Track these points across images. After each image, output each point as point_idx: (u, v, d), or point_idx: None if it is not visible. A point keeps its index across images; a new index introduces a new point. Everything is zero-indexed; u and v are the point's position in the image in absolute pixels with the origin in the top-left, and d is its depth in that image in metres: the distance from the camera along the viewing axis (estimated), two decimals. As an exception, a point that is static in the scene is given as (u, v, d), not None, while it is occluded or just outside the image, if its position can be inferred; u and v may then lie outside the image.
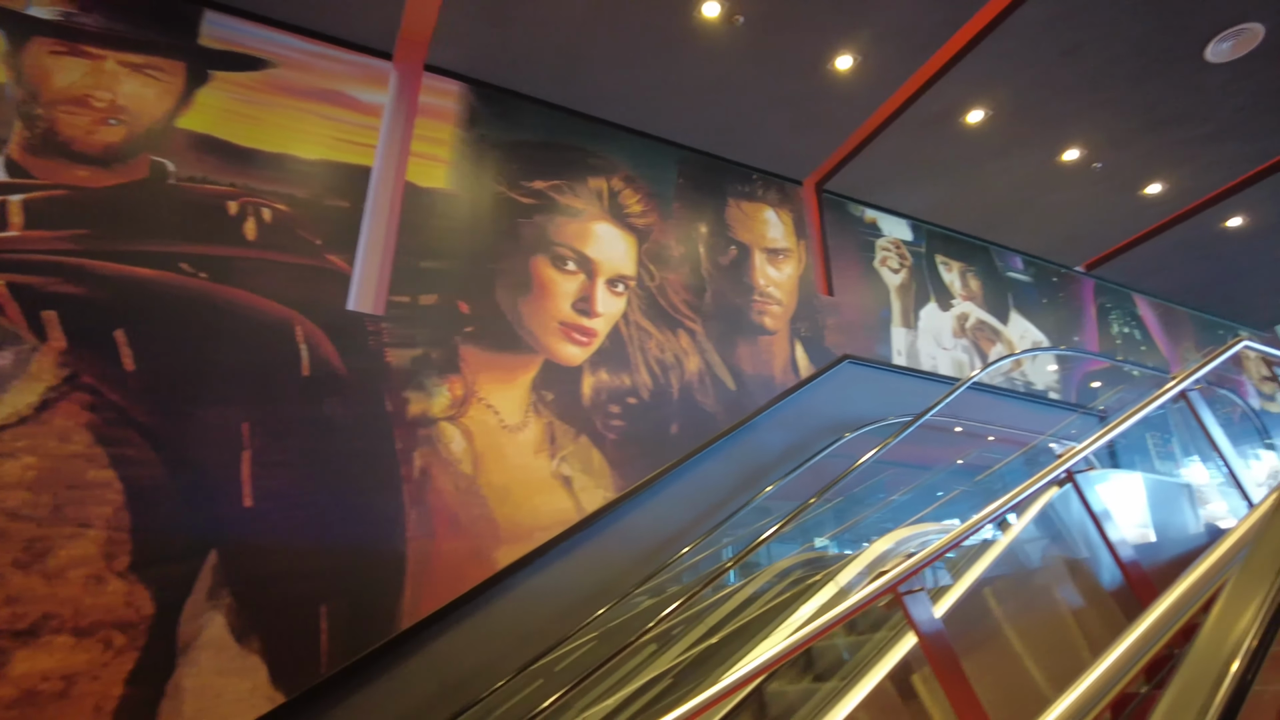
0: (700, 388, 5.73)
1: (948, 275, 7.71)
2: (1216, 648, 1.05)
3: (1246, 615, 1.08)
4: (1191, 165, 7.11)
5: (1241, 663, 1.00)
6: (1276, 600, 1.09)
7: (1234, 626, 1.07)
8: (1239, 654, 1.01)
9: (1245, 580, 1.15)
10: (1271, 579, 1.11)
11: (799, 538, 6.11)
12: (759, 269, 6.49)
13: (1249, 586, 1.13)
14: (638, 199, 6.12)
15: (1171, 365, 9.11)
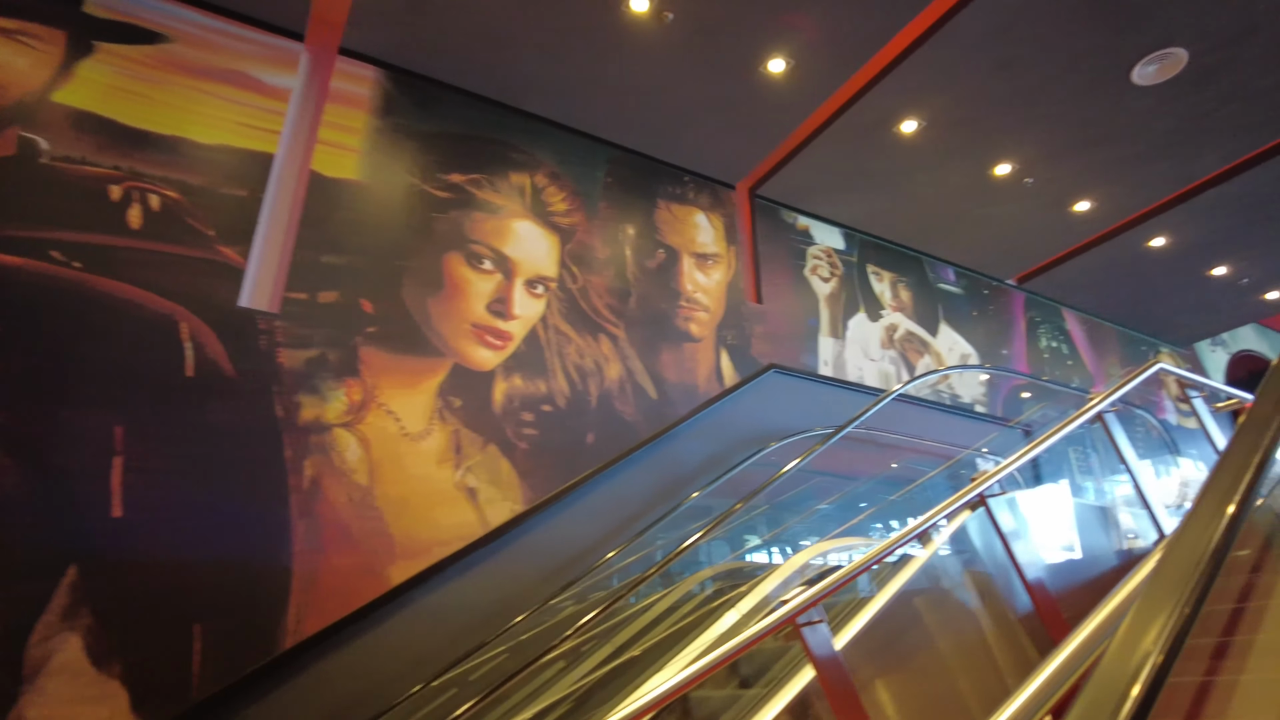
0: (620, 396, 5.58)
1: (878, 285, 7.70)
2: (1117, 673, 1.03)
3: (1148, 639, 1.06)
4: (1119, 185, 7.21)
5: (1141, 688, 0.99)
6: (1179, 624, 1.08)
7: (1135, 651, 1.05)
8: (1139, 679, 1.00)
9: (1148, 605, 1.13)
10: (1174, 603, 1.10)
11: (725, 546, 6.04)
12: (687, 274, 6.37)
13: (1151, 610, 1.11)
14: (562, 197, 5.93)
15: (1096, 380, 9.30)
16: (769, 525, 6.45)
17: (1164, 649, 1.04)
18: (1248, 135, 6.61)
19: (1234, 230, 8.08)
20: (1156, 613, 1.10)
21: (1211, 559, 1.17)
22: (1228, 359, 11.57)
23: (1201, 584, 1.14)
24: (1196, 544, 1.21)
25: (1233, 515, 1.23)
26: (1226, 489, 1.29)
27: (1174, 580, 1.16)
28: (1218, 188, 7.29)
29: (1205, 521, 1.25)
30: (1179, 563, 1.19)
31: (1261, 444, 1.42)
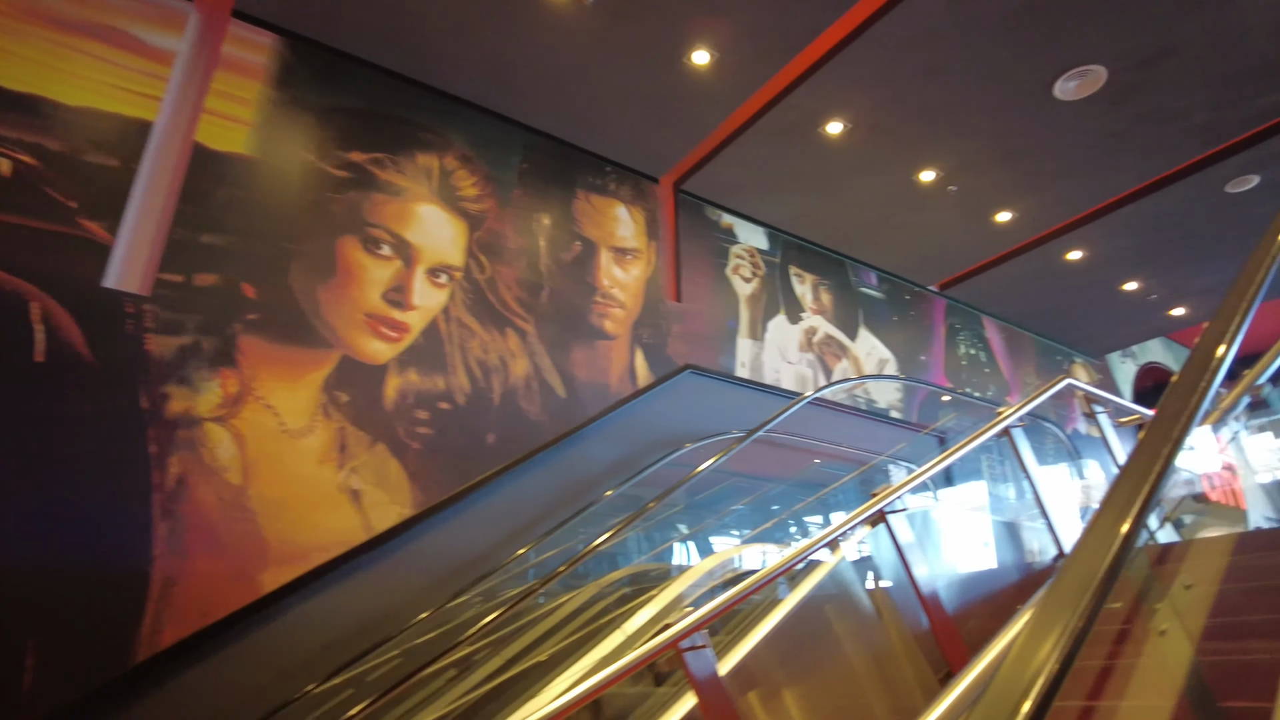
0: (526, 394, 5.38)
1: (800, 288, 7.67)
2: (1010, 687, 1.03)
3: (1041, 652, 1.07)
4: (1039, 198, 7.31)
5: (1032, 704, 0.99)
6: (1072, 639, 1.08)
7: (1029, 665, 1.05)
8: (1030, 694, 1.00)
9: (1043, 618, 1.13)
10: (1069, 616, 1.11)
11: (635, 547, 5.92)
12: (604, 268, 6.19)
13: (1047, 624, 1.11)
14: (473, 181, 5.68)
15: (1012, 388, 9.50)
16: (684, 525, 6.36)
17: (1058, 660, 1.05)
18: (1161, 156, 6.76)
19: (1144, 248, 8.30)
20: (1049, 630, 1.10)
21: (1104, 578, 1.18)
22: (1136, 370, 11.99)
23: (1093, 603, 1.14)
24: (1089, 564, 1.22)
25: (1126, 534, 1.25)
26: (1120, 510, 1.31)
27: (1065, 599, 1.16)
28: (1131, 206, 7.46)
29: (1099, 540, 1.26)
30: (1070, 584, 1.19)
31: (1154, 467, 1.43)
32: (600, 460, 5.52)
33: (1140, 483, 1.37)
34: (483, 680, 4.39)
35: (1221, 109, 6.18)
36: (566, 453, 5.38)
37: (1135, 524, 1.28)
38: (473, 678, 4.48)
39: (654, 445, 5.82)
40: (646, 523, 5.53)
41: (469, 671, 4.49)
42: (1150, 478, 1.37)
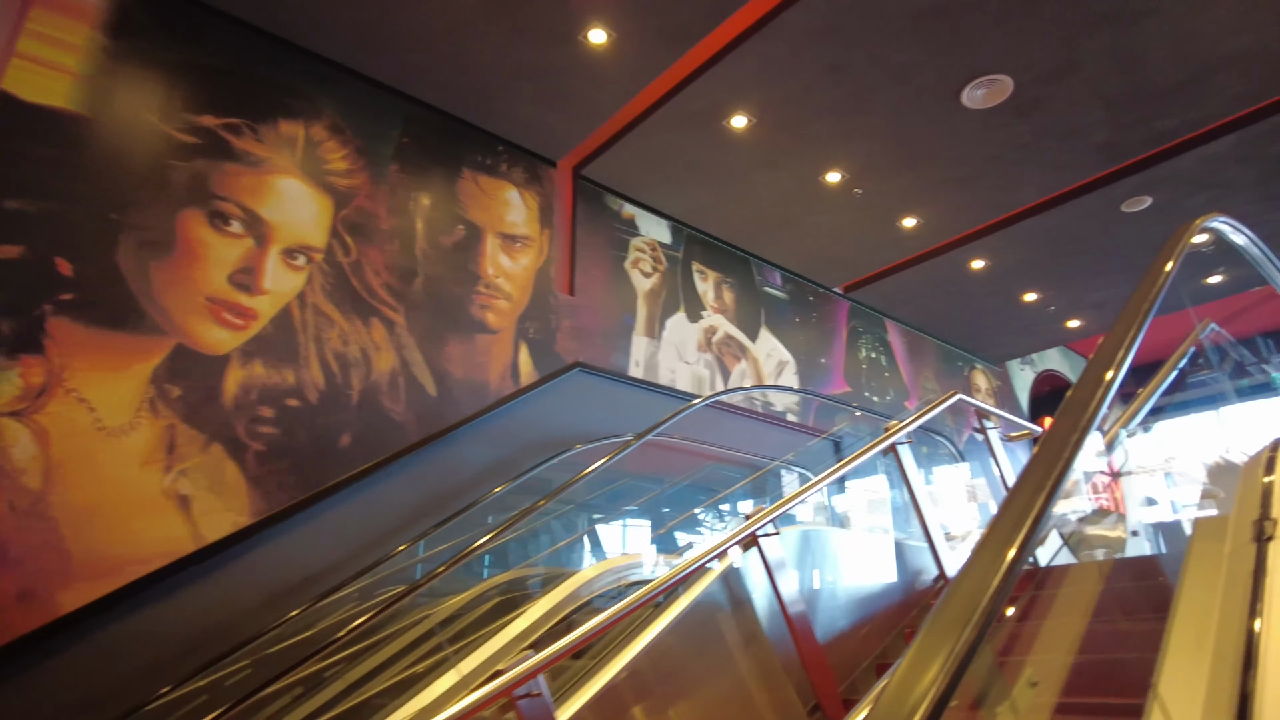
0: (390, 391, 5.02)
1: (702, 285, 7.49)
2: (895, 709, 1.04)
3: (928, 675, 1.07)
4: (944, 205, 7.32)
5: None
6: (958, 660, 1.08)
7: (914, 688, 1.06)
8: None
9: (929, 640, 1.14)
10: (956, 636, 1.11)
11: (509, 554, 5.64)
12: (490, 256, 5.85)
13: (933, 645, 1.12)
14: (344, 155, 5.25)
15: (911, 393, 9.61)
16: (568, 529, 6.12)
17: (941, 687, 1.04)
18: (1062, 172, 6.84)
19: (1044, 261, 8.47)
20: (933, 656, 1.09)
21: (988, 604, 1.17)
22: (1035, 377, 12.37)
23: (979, 626, 1.13)
24: (974, 590, 1.21)
25: (1012, 559, 1.24)
26: (1004, 539, 1.30)
27: (949, 625, 1.15)
28: (1032, 219, 7.56)
29: (985, 567, 1.26)
30: (953, 610, 1.18)
31: (1044, 490, 1.42)
32: (474, 464, 5.22)
33: (1024, 514, 1.35)
34: (320, 709, 4.07)
35: (1120, 129, 6.27)
36: (435, 456, 5.05)
37: (1021, 548, 1.27)
38: (324, 693, 4.16)
39: (538, 448, 5.55)
40: (517, 530, 5.28)
41: (317, 689, 4.17)
42: (1012, 547, 1.30)
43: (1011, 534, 1.30)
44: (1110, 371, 1.93)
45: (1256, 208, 7.49)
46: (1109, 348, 2.11)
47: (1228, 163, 6.74)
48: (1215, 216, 3.14)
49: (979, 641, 1.11)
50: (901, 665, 1.11)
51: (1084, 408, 1.71)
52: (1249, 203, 7.39)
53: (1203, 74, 5.68)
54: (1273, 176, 6.95)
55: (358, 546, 4.56)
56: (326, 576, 4.38)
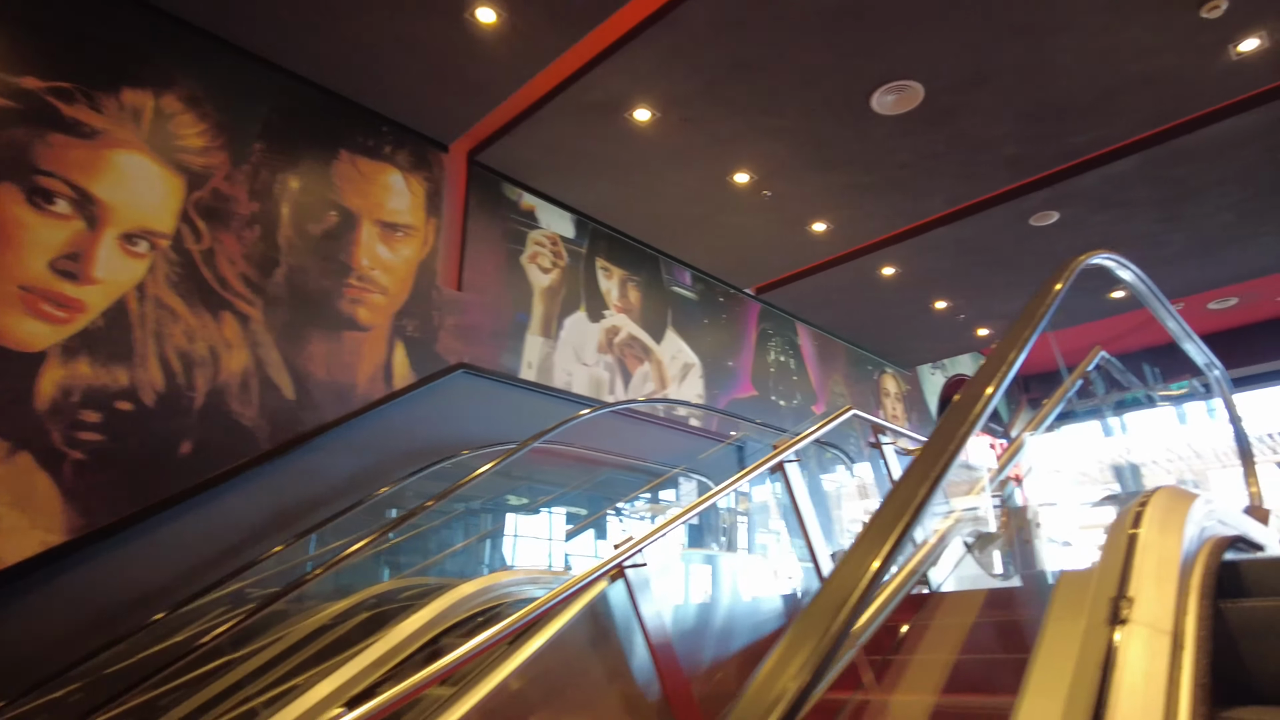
0: (241, 394, 4.60)
1: (606, 283, 7.23)
2: (755, 705, 1.07)
3: (789, 671, 1.11)
4: (854, 211, 7.22)
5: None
6: (820, 657, 1.12)
7: (775, 683, 1.09)
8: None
9: (795, 636, 1.17)
10: (818, 637, 1.16)
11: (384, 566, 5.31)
12: (365, 245, 5.45)
13: (798, 643, 1.15)
14: (201, 130, 4.78)
15: (819, 397, 9.57)
16: (448, 540, 5.82)
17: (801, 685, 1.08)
18: (972, 183, 6.81)
19: (953, 270, 8.49)
20: (796, 653, 1.13)
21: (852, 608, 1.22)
22: (945, 381, 12.55)
23: (841, 628, 1.18)
24: (833, 597, 1.26)
25: (875, 570, 1.29)
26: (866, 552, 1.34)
27: (811, 628, 1.19)
28: (942, 229, 7.53)
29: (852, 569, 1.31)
30: (816, 613, 1.22)
31: (909, 508, 1.45)
32: (337, 474, 4.85)
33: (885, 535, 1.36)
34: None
35: (1030, 143, 6.24)
36: (292, 466, 4.67)
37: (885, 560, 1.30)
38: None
39: (416, 455, 5.22)
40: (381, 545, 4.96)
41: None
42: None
43: (865, 559, 1.32)
44: (963, 428, 1.75)
45: (1158, 228, 7.63)
46: (963, 407, 1.94)
47: (1133, 182, 6.81)
48: (1099, 253, 3.03)
49: (829, 661, 1.14)
50: (765, 665, 1.13)
51: (934, 461, 1.61)
52: (1151, 222, 7.52)
53: (1112, 93, 5.68)
54: (1174, 198, 7.07)
55: (199, 565, 4.17)
56: (159, 598, 3.98)
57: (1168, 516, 2.59)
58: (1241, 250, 8.15)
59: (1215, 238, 7.86)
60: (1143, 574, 2.19)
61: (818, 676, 1.10)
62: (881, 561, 1.31)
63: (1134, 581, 2.10)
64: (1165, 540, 2.37)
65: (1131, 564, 2.22)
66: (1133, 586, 2.09)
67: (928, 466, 1.59)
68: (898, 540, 1.36)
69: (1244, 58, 5.31)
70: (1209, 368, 4.53)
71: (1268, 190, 6.99)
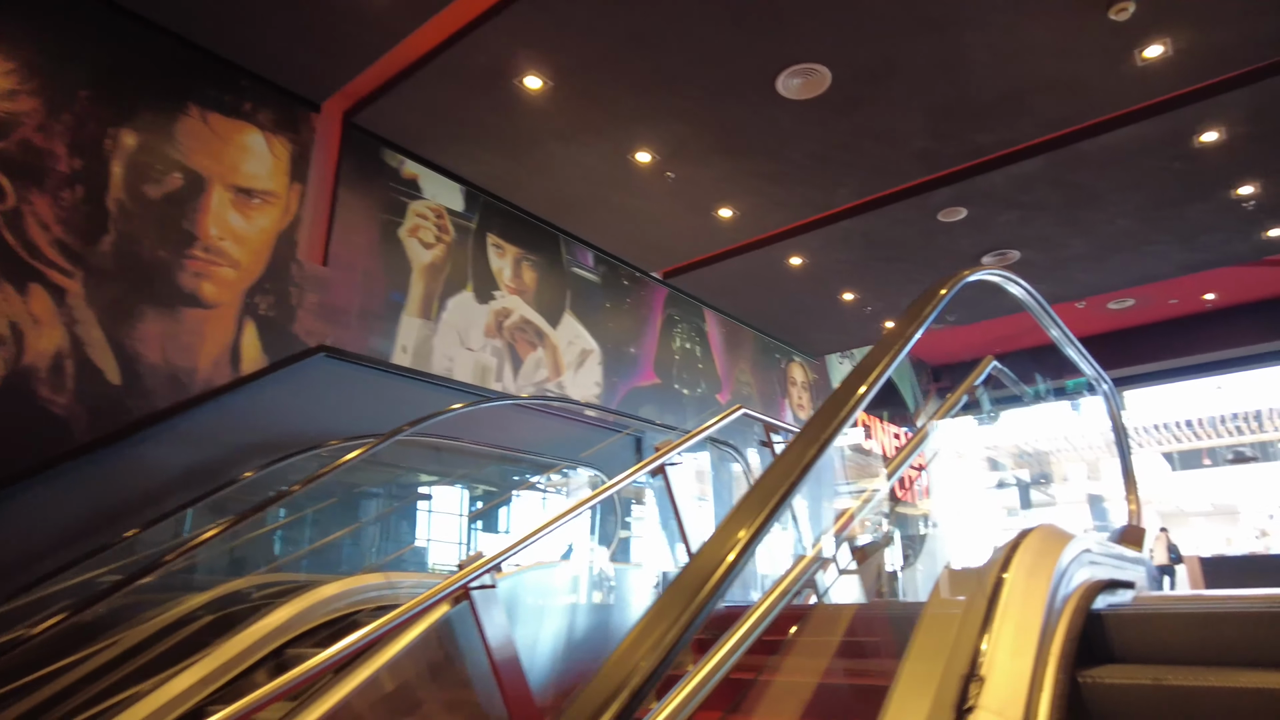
0: (53, 378, 4.06)
1: (498, 261, 6.80)
2: (610, 680, 1.07)
3: (643, 648, 1.11)
4: (761, 199, 6.98)
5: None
6: (672, 638, 1.13)
7: (632, 658, 1.10)
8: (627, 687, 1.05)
9: (653, 615, 1.18)
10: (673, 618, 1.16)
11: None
12: (214, 213, 4.91)
13: (655, 622, 1.16)
14: (9, 69, 4.16)
15: (724, 385, 9.38)
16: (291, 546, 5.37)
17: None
18: (880, 176, 6.64)
19: (862, 263, 8.38)
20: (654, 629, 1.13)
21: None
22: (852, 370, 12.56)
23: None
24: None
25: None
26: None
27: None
28: (850, 220, 7.38)
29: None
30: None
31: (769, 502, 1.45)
32: (169, 468, 4.36)
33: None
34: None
35: (938, 139, 6.09)
36: (116, 459, 4.17)
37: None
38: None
39: (264, 448, 4.75)
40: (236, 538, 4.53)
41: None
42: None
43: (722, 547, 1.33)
44: (812, 449, 1.64)
45: (1061, 230, 7.65)
46: (826, 413, 1.75)
47: (1038, 183, 6.76)
48: (979, 270, 2.83)
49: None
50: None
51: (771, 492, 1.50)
52: (1054, 225, 7.53)
53: (1020, 94, 5.55)
54: (1077, 202, 7.06)
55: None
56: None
57: (1037, 563, 2.41)
58: (1137, 257, 8.28)
59: (1113, 243, 7.94)
60: (1000, 641, 1.99)
61: (673, 652, 1.10)
62: (749, 539, 1.33)
63: (988, 655, 1.90)
64: (1029, 598, 2.18)
65: (990, 625, 2.02)
66: (985, 662, 1.88)
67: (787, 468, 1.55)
68: (763, 522, 1.38)
69: (1149, 64, 5.24)
70: (1098, 381, 4.46)
71: (1164, 199, 7.05)
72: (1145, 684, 1.88)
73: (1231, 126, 5.97)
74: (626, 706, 1.04)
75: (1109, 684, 1.90)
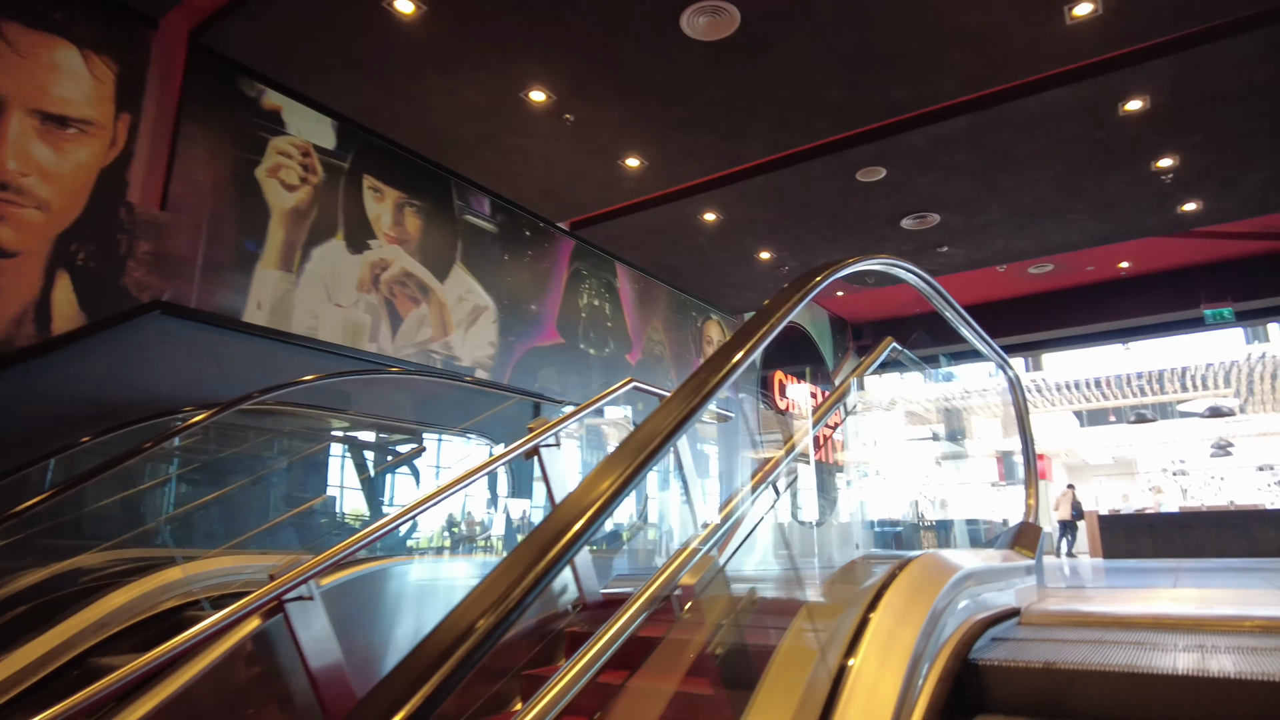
0: None
1: (376, 206, 6.18)
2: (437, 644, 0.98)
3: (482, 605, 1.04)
4: (670, 149, 6.49)
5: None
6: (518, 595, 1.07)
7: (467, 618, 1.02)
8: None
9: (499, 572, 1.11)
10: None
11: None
12: (13, 144, 4.18)
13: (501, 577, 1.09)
14: None
15: (634, 344, 8.98)
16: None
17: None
18: (795, 130, 6.21)
19: (777, 221, 8.00)
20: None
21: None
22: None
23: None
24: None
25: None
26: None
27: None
28: (764, 176, 6.97)
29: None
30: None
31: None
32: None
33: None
34: None
35: (854, 91, 5.68)
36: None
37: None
38: None
39: (81, 421, 4.14)
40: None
41: None
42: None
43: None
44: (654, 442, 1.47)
45: (981, 195, 7.40)
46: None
47: (959, 146, 6.45)
48: (858, 261, 2.45)
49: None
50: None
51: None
52: (974, 189, 7.27)
53: (935, 46, 5.16)
54: (997, 166, 6.79)
55: None
56: None
57: (909, 607, 2.11)
58: (1054, 225, 8.12)
59: (1031, 211, 7.74)
60: (852, 701, 1.71)
61: (516, 611, 1.02)
62: (610, 494, 1.25)
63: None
64: (890, 653, 1.88)
65: (842, 689, 1.72)
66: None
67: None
68: (625, 481, 1.29)
69: (1078, 23, 4.90)
70: (1003, 368, 4.20)
71: (1083, 167, 6.83)
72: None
73: (1156, 96, 5.73)
74: (450, 676, 0.92)
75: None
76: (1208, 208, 7.67)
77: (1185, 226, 8.21)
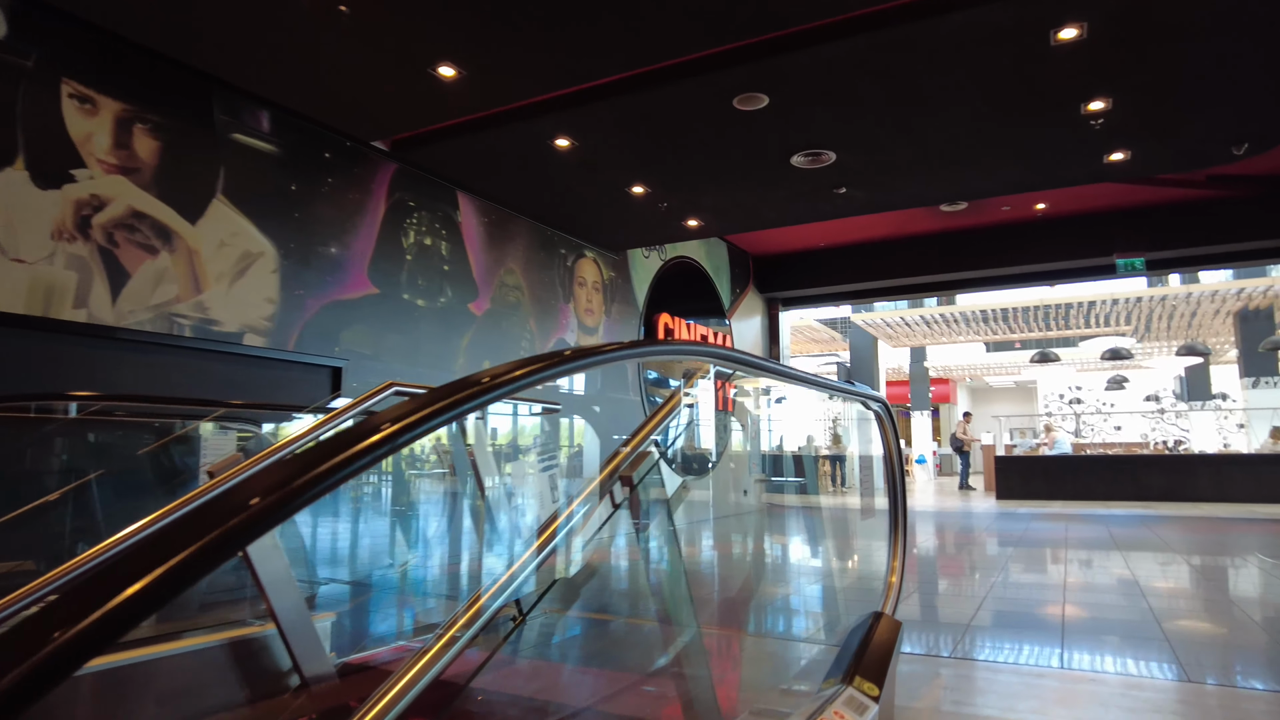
0: None
1: (83, 122, 4.60)
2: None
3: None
4: (495, 57, 5.07)
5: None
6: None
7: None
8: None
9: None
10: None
11: None
12: None
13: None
14: None
15: (480, 291, 7.64)
16: None
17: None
18: (657, 43, 4.88)
19: (645, 151, 6.70)
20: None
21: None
22: (660, 265, 11.14)
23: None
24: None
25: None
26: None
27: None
28: (625, 97, 5.64)
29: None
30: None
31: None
32: None
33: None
34: None
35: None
36: None
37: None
38: None
39: None
40: None
41: None
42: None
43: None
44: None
45: (887, 133, 6.25)
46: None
47: (857, 73, 5.25)
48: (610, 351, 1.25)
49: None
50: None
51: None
52: (878, 126, 6.12)
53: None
54: (905, 100, 5.64)
55: None
56: None
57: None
58: (969, 170, 7.08)
59: (944, 154, 6.66)
60: None
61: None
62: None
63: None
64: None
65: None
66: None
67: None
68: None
69: (1009, -86, 3.68)
70: (869, 401, 3.11)
71: (1002, 104, 5.75)
72: None
73: (1095, 25, 4.61)
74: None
75: None
76: (1136, 159, 6.74)
77: (1109, 178, 7.30)
